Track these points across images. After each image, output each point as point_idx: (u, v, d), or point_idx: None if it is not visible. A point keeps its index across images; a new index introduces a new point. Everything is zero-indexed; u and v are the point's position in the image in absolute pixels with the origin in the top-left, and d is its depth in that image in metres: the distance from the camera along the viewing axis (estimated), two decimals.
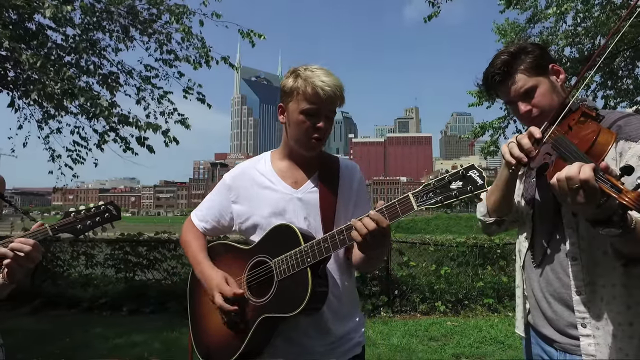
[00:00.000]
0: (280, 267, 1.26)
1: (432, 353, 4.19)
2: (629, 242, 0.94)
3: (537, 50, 1.27)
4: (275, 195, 1.38)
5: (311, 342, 1.32)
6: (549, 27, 7.37)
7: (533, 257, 1.28)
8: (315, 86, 1.27)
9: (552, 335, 1.23)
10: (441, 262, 6.47)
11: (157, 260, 7.04)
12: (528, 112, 1.24)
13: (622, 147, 1.09)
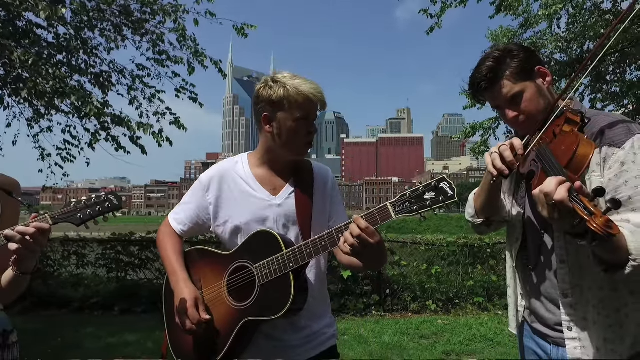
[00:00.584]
0: (262, 272, 1.29)
1: (423, 351, 4.25)
2: (608, 251, 0.97)
3: (523, 54, 1.26)
4: (256, 202, 1.40)
5: (289, 337, 1.36)
6: (539, 32, 7.50)
7: (527, 259, 1.31)
8: (306, 94, 1.32)
9: (546, 331, 1.27)
10: (432, 262, 6.55)
11: (149, 259, 7.03)
12: (515, 118, 1.25)
13: (606, 153, 1.12)
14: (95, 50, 6.39)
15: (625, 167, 1.08)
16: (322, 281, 1.47)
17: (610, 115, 1.21)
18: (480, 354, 4.07)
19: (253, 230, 1.35)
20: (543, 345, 1.30)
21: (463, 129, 8.73)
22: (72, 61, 6.04)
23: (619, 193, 1.08)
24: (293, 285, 1.24)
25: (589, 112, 1.24)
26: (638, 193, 1.06)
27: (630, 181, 1.07)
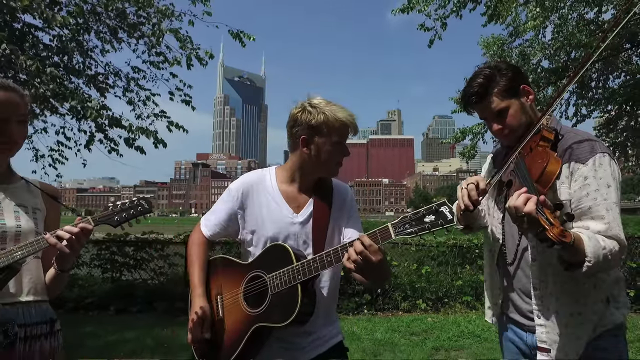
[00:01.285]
0: (273, 282, 1.40)
1: (414, 346, 4.42)
2: (569, 253, 1.14)
3: (511, 72, 1.41)
4: (281, 218, 1.51)
5: (298, 340, 1.47)
6: (528, 40, 7.74)
7: (506, 256, 1.48)
8: (343, 121, 1.45)
9: (521, 320, 1.44)
10: (422, 262, 6.72)
11: (144, 260, 7.11)
12: (500, 130, 1.42)
13: (573, 168, 1.28)
14: (91, 52, 6.46)
15: (588, 182, 1.25)
16: (334, 291, 1.57)
17: (580, 132, 1.37)
18: (468, 349, 4.25)
19: (273, 243, 1.47)
20: (519, 332, 1.46)
21: (453, 133, 8.96)
22: (68, 63, 6.11)
23: (582, 203, 1.26)
24: (300, 296, 1.34)
25: (563, 128, 1.40)
26: (596, 204, 1.23)
27: (590, 193, 1.25)
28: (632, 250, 6.64)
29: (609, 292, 1.32)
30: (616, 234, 1.20)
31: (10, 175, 1.38)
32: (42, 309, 1.33)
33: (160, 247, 7.15)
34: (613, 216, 1.22)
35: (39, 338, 1.29)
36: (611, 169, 1.27)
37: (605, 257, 1.15)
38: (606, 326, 1.30)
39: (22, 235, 1.30)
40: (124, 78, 6.66)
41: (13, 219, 1.30)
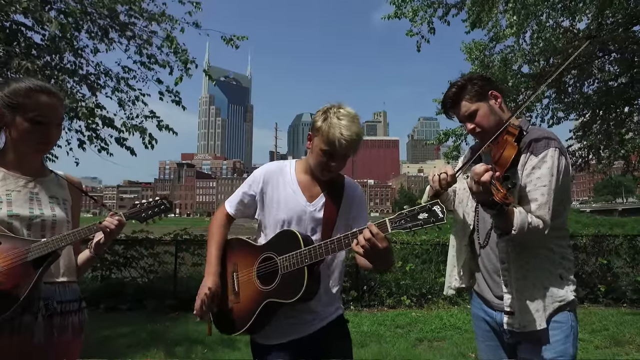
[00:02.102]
0: (283, 264, 1.56)
1: (398, 337, 4.64)
2: (502, 220, 1.41)
3: (480, 81, 1.67)
4: (295, 205, 1.67)
5: (305, 316, 1.66)
6: (509, 46, 8.04)
7: (479, 239, 1.69)
8: (335, 137, 1.55)
9: (492, 299, 1.65)
10: (406, 260, 6.95)
11: (134, 258, 7.16)
12: (472, 129, 1.67)
13: (528, 158, 1.53)
14: (81, 52, 6.51)
15: (534, 170, 1.50)
16: (338, 275, 1.75)
17: (542, 130, 1.62)
18: (450, 340, 4.48)
19: (285, 227, 1.65)
20: (489, 312, 1.68)
21: (437, 135, 9.23)
22: (60, 63, 6.15)
23: (527, 187, 1.50)
24: (306, 277, 1.52)
25: (530, 127, 1.64)
26: (535, 189, 1.48)
27: (533, 180, 1.49)
28: (602, 247, 7.00)
29: (560, 270, 1.54)
30: (542, 215, 1.44)
31: (43, 170, 1.52)
32: (73, 288, 1.49)
33: (150, 245, 7.23)
34: (545, 200, 1.46)
35: (71, 314, 1.45)
36: (558, 162, 1.50)
37: (529, 230, 1.41)
38: (561, 301, 1.52)
39: (57, 224, 1.45)
40: (114, 78, 6.73)
41: (49, 209, 1.45)
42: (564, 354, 1.50)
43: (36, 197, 1.44)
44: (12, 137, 1.40)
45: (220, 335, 4.63)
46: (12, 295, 1.28)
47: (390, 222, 1.38)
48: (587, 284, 6.75)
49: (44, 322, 1.35)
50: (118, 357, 3.83)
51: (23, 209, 1.39)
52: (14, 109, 1.36)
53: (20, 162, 1.44)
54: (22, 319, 1.31)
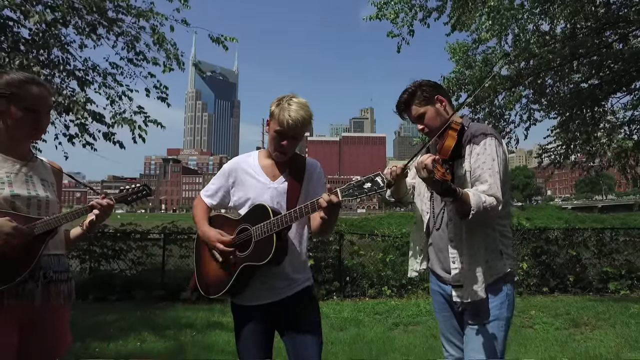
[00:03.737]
0: (256, 232, 1.83)
1: (376, 322, 4.92)
2: (459, 204, 1.64)
3: (428, 88, 1.93)
4: (259, 185, 1.97)
5: (276, 282, 1.92)
6: (490, 47, 8.33)
7: (435, 222, 1.96)
8: (284, 118, 1.83)
9: (444, 275, 1.92)
10: (387, 251, 7.24)
11: (123, 250, 7.29)
12: (422, 129, 1.95)
13: (471, 148, 1.80)
14: (68, 47, 6.58)
15: (479, 156, 1.76)
16: (302, 246, 2.02)
17: (481, 125, 1.90)
18: (424, 324, 4.78)
19: (255, 204, 1.92)
20: (442, 286, 1.96)
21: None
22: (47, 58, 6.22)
23: (475, 172, 1.76)
24: (275, 242, 1.79)
25: (471, 124, 1.92)
26: (483, 172, 1.74)
27: (480, 165, 1.75)
28: (572, 240, 7.40)
29: (501, 247, 1.82)
30: (494, 193, 1.70)
31: (31, 155, 1.70)
32: (63, 260, 1.69)
33: (138, 237, 7.37)
34: (494, 180, 1.72)
35: (63, 282, 1.65)
36: (496, 149, 1.77)
37: (485, 208, 1.64)
38: (499, 274, 1.80)
39: (50, 204, 1.64)
40: (102, 74, 6.82)
41: (42, 191, 1.64)
42: (499, 317, 1.79)
43: (30, 179, 1.62)
44: (6, 124, 1.56)
45: (208, 319, 4.85)
46: (22, 264, 1.48)
47: (341, 191, 1.66)
48: (558, 274, 7.13)
49: (42, 288, 1.55)
50: (110, 339, 4.02)
51: (22, 190, 1.57)
52: (8, 99, 1.53)
53: (14, 148, 1.60)
54: (25, 285, 1.50)
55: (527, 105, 8.78)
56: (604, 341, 4.10)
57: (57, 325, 1.62)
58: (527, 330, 4.57)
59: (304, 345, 1.93)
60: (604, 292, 6.82)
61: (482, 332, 1.79)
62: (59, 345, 1.63)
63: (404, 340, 4.16)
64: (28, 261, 1.49)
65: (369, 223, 45.83)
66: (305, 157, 2.10)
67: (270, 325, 1.98)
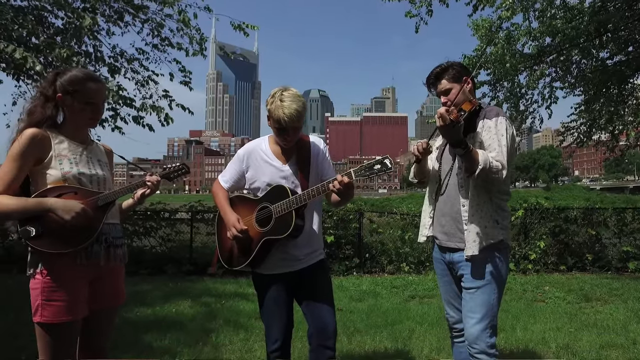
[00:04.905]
0: (276, 209, 2.07)
1: (393, 295, 5.17)
2: (468, 159, 1.83)
3: (458, 68, 2.15)
4: (272, 169, 2.19)
5: (295, 252, 2.15)
6: (514, 24, 8.19)
7: (440, 188, 2.16)
8: (279, 116, 1.99)
9: (442, 238, 2.13)
10: (406, 229, 7.43)
11: (153, 228, 7.72)
12: (445, 102, 2.12)
13: (484, 122, 2.00)
14: (97, 34, 6.88)
15: (490, 129, 1.97)
16: (317, 222, 2.25)
17: (494, 107, 2.10)
18: (438, 297, 4.97)
19: (270, 186, 2.14)
20: (443, 255, 2.17)
21: None
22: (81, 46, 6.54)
23: (486, 142, 1.96)
24: (294, 217, 2.03)
25: (487, 106, 2.12)
26: (493, 142, 1.93)
27: (491, 136, 1.95)
28: (592, 219, 7.40)
29: (497, 217, 2.01)
30: (501, 160, 1.89)
31: (89, 139, 1.97)
32: (118, 228, 1.96)
33: (167, 216, 7.78)
34: (501, 150, 1.91)
35: (119, 247, 1.92)
36: (507, 127, 1.97)
37: (491, 168, 1.83)
38: (494, 240, 2.00)
39: (107, 181, 1.92)
40: (129, 59, 7.11)
41: (100, 170, 1.91)
42: (492, 281, 2.01)
43: (90, 160, 1.89)
44: (71, 115, 1.84)
45: (235, 290, 5.21)
46: (91, 229, 1.76)
47: (355, 172, 1.88)
48: (576, 253, 7.18)
49: (105, 251, 1.83)
50: (148, 305, 4.41)
51: (85, 169, 1.84)
52: (72, 96, 1.80)
53: (77, 133, 1.87)
54: (93, 247, 1.79)
55: (550, 83, 8.66)
56: (613, 314, 4.24)
57: (116, 282, 1.91)
58: (539, 304, 4.74)
59: (321, 311, 2.17)
60: (623, 271, 6.85)
61: (477, 295, 2.01)
62: (118, 297, 1.93)
63: (419, 310, 4.40)
64: (94, 228, 1.77)
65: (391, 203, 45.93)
66: (309, 137, 2.30)
67: (288, 294, 2.22)
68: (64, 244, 1.71)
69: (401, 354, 3.16)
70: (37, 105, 1.81)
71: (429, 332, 3.63)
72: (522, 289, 5.29)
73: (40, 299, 1.68)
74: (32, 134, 1.73)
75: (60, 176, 1.76)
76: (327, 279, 2.29)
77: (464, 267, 2.04)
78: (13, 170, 1.70)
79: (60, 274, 1.70)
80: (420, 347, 3.28)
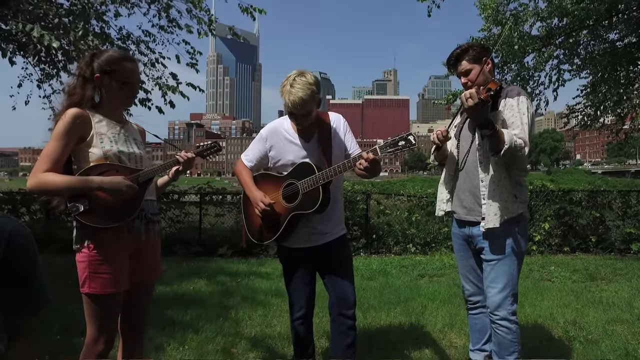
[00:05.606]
0: (303, 185, 2.12)
1: (403, 274, 5.30)
2: (494, 139, 1.89)
3: (479, 49, 2.20)
4: (296, 147, 2.26)
5: (320, 226, 2.25)
6: (522, 4, 8.11)
7: (460, 164, 2.24)
8: (287, 101, 2.07)
9: (462, 214, 2.22)
10: (412, 211, 7.53)
11: (162, 210, 7.80)
12: (465, 83, 2.19)
13: (507, 101, 2.07)
14: (104, 15, 6.84)
15: (512, 108, 2.04)
16: (340, 199, 2.35)
17: (515, 87, 2.16)
18: (447, 276, 5.13)
19: (295, 164, 2.20)
20: (462, 229, 2.26)
21: (446, 95, 9.54)
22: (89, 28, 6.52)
23: (509, 120, 2.03)
24: (322, 192, 2.09)
25: (508, 87, 2.18)
26: (516, 120, 2.01)
27: (514, 114, 2.03)
28: (596, 202, 7.48)
29: (515, 192, 2.10)
30: (524, 137, 1.97)
31: (125, 119, 2.02)
32: (155, 205, 2.03)
33: (177, 198, 7.88)
34: (523, 128, 1.99)
35: (156, 222, 2.00)
36: (528, 106, 2.05)
37: (516, 147, 1.91)
38: (513, 214, 2.08)
39: (143, 159, 1.97)
40: (135, 41, 7.09)
41: (136, 148, 1.96)
42: (512, 253, 2.12)
43: (127, 138, 1.94)
44: (109, 95, 1.87)
45: (248, 269, 5.33)
46: (134, 205, 1.84)
47: (380, 149, 1.95)
48: (580, 235, 7.29)
49: (144, 226, 1.91)
50: (166, 283, 4.53)
51: (124, 147, 1.90)
52: (110, 75, 1.85)
53: (114, 113, 1.93)
54: (134, 223, 1.87)
55: (558, 66, 8.62)
56: (618, 292, 4.36)
57: (154, 255, 2.00)
58: (545, 283, 4.86)
59: (343, 283, 2.27)
60: (626, 253, 6.96)
61: (498, 266, 2.11)
62: (156, 270, 2.03)
63: (430, 288, 4.52)
64: (136, 204, 1.84)
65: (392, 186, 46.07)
66: (328, 113, 2.35)
67: (312, 266, 2.33)
68: (109, 219, 1.79)
69: (416, 329, 3.28)
70: (77, 86, 1.86)
71: (441, 308, 3.75)
72: (528, 268, 5.41)
73: (88, 272, 1.77)
74: (74, 113, 1.78)
75: (102, 154, 1.82)
76: (348, 253, 2.39)
77: (483, 241, 2.13)
78: (59, 148, 1.76)
79: (105, 248, 1.79)
80: (434, 322, 3.40)
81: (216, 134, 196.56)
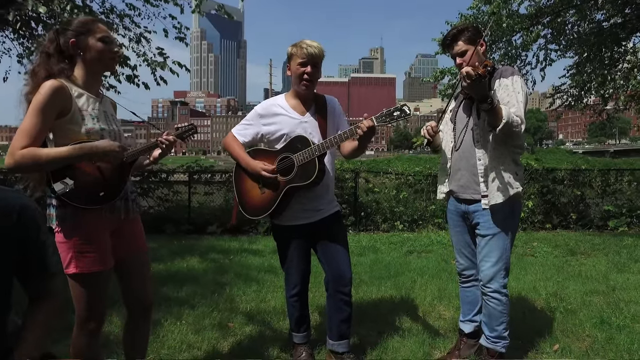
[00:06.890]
0: (299, 158, 2.13)
1: (392, 250, 5.44)
2: (493, 114, 1.94)
3: (474, 30, 2.25)
4: (291, 120, 2.27)
5: (314, 203, 2.28)
6: None
7: (455, 144, 2.31)
8: (302, 48, 2.15)
9: (463, 195, 2.28)
10: (400, 189, 7.65)
11: (150, 189, 7.75)
12: (460, 64, 2.22)
13: (501, 81, 2.13)
14: None
15: (507, 87, 2.10)
16: (333, 172, 2.36)
17: (509, 67, 2.22)
18: (435, 252, 5.28)
19: (290, 137, 2.22)
20: (458, 206, 2.34)
21: (433, 72, 9.55)
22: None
23: (504, 99, 2.08)
24: (317, 164, 2.12)
25: (502, 67, 2.24)
26: (511, 99, 2.06)
27: (509, 94, 2.08)
28: (578, 180, 7.70)
29: (514, 170, 2.18)
30: (520, 114, 2.03)
31: (101, 92, 1.89)
32: (132, 182, 1.96)
33: (165, 177, 7.80)
34: (519, 106, 2.05)
35: (134, 200, 1.94)
36: (522, 85, 2.11)
37: (513, 122, 1.97)
38: (512, 189, 2.16)
39: (121, 136, 1.90)
40: (119, 15, 6.88)
41: (114, 125, 1.88)
42: (505, 228, 2.21)
43: (105, 114, 1.85)
44: (87, 59, 1.73)
45: (240, 247, 5.37)
46: (120, 185, 1.79)
47: (376, 118, 2.02)
48: (561, 212, 7.53)
49: (124, 204, 1.86)
50: (158, 261, 4.57)
51: (105, 124, 1.81)
52: (86, 34, 1.73)
53: (92, 85, 1.81)
54: (115, 202, 1.80)
55: (545, 45, 8.69)
56: (596, 266, 4.58)
57: (137, 229, 1.96)
58: (529, 258, 5.05)
59: (338, 259, 2.31)
60: (604, 229, 7.23)
61: (492, 241, 2.20)
62: (139, 240, 1.97)
63: (419, 263, 4.66)
64: (121, 184, 1.80)
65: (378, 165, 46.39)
66: (324, 95, 2.39)
67: (307, 243, 2.37)
68: (94, 200, 1.73)
69: (406, 302, 3.41)
70: (39, 64, 1.73)
71: (430, 283, 3.88)
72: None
73: (72, 252, 1.71)
74: (52, 85, 1.64)
75: (83, 132, 1.72)
76: (343, 229, 2.44)
77: (479, 216, 2.22)
78: (38, 123, 1.61)
79: (88, 227, 1.73)
80: (423, 296, 3.52)
81: (201, 112, 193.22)
